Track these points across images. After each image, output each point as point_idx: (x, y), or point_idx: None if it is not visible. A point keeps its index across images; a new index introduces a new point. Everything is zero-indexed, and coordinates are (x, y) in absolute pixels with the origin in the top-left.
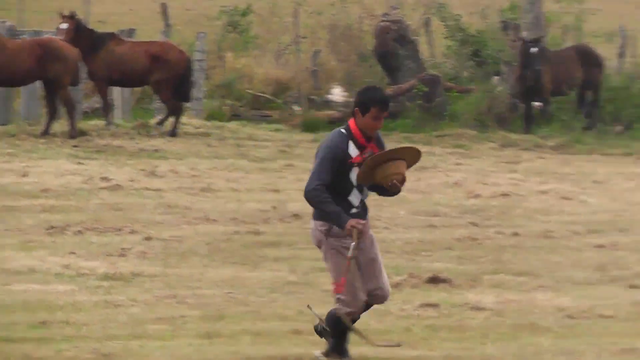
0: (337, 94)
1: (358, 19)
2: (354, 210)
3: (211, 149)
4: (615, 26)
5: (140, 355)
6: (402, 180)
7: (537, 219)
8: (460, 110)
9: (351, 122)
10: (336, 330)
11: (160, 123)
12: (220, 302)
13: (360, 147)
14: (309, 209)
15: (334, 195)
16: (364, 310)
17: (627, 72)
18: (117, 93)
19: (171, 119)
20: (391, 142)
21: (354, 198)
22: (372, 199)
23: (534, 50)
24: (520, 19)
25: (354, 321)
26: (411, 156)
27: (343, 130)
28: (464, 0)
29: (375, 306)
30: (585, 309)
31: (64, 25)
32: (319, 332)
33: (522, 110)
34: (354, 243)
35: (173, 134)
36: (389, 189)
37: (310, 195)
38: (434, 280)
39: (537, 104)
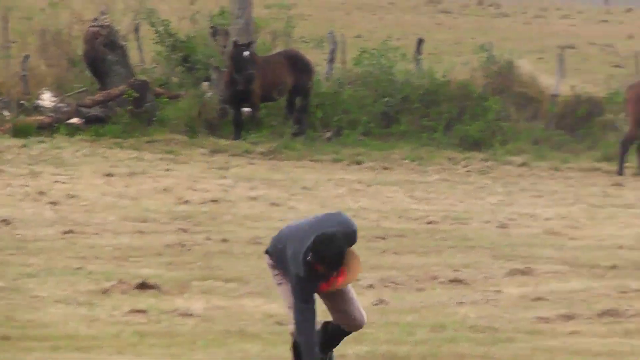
0: (47, 99)
1: (68, 24)
2: None
3: None
4: (324, 32)
5: None
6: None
7: (246, 225)
8: (170, 115)
9: None
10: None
11: None
12: None
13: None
14: (17, 215)
15: None
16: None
17: (337, 78)
18: None
19: None
20: (101, 148)
21: None
22: (82, 205)
23: (246, 53)
24: (230, 25)
25: None
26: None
27: (309, 259)
28: (174, 6)
29: (83, 312)
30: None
31: None
32: None
33: (232, 116)
34: None
35: None
36: None
37: (297, 321)
38: (143, 286)
39: (246, 109)
